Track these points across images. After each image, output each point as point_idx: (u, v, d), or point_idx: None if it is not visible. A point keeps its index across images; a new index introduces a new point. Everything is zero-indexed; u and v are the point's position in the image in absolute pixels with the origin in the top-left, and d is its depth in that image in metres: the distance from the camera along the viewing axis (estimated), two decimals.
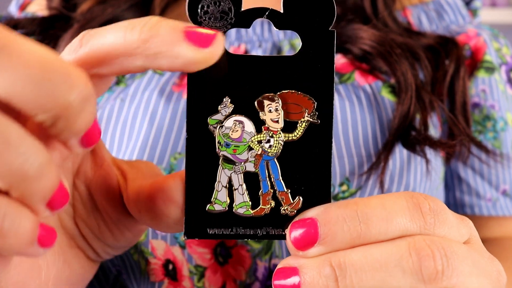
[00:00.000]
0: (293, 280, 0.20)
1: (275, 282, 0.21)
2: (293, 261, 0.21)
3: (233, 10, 0.22)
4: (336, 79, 0.44)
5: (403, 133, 0.42)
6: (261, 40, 0.46)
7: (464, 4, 0.54)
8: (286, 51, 0.45)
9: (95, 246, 0.27)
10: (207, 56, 0.19)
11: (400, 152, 0.42)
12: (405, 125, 0.42)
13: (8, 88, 0.17)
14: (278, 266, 0.21)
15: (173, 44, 0.19)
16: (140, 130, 0.42)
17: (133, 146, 0.41)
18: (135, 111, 0.43)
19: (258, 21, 0.47)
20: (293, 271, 0.21)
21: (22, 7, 0.54)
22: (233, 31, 0.47)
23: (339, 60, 0.45)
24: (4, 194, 0.18)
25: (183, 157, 0.39)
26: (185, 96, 0.43)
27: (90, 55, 0.20)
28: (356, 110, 0.42)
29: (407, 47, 0.44)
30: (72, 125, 0.18)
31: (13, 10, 0.54)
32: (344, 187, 0.40)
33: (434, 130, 0.45)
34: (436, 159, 0.45)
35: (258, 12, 0.22)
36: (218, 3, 0.22)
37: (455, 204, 0.50)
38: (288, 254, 0.38)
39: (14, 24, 0.48)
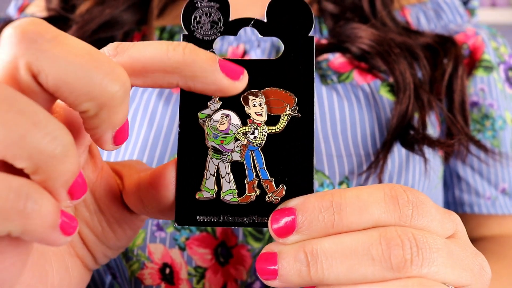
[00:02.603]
0: (272, 265, 0.22)
1: (257, 266, 0.23)
2: (275, 246, 0.23)
3: (222, 20, 0.24)
4: (334, 78, 0.44)
5: (402, 132, 0.42)
6: (259, 40, 0.47)
7: (462, 4, 0.54)
8: None
9: (96, 251, 0.27)
10: (237, 86, 0.22)
11: (398, 151, 0.42)
12: (403, 124, 0.42)
13: (60, 76, 0.18)
14: (262, 251, 0.23)
15: (211, 72, 0.21)
16: (139, 131, 0.42)
17: (132, 147, 0.41)
18: (134, 112, 0.43)
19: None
20: (273, 256, 0.22)
21: (21, 9, 0.54)
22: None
23: (338, 59, 0.45)
24: (26, 177, 0.18)
25: None
26: None
27: (128, 64, 0.22)
28: (354, 109, 0.42)
29: (406, 47, 0.45)
30: (113, 115, 0.20)
31: (12, 12, 0.54)
32: (344, 186, 0.40)
33: (433, 129, 0.46)
34: (434, 158, 0.45)
35: (244, 22, 0.24)
36: (209, 14, 0.24)
37: (454, 202, 0.50)
38: None
39: None
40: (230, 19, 0.24)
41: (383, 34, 0.44)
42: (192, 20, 0.24)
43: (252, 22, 0.24)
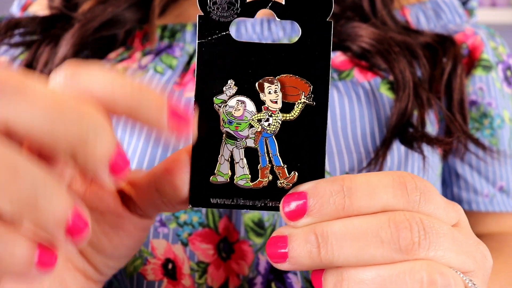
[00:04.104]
0: (283, 247, 0.22)
1: (268, 249, 0.23)
2: (285, 230, 0.23)
3: (239, 1, 0.24)
4: (335, 75, 0.45)
5: (401, 130, 0.42)
6: (260, 38, 0.47)
7: (461, 4, 0.54)
8: None
9: (95, 261, 0.27)
10: (178, 136, 0.22)
11: (397, 149, 0.43)
12: (402, 122, 0.42)
13: (28, 130, 0.19)
14: (272, 235, 0.23)
15: (157, 117, 0.21)
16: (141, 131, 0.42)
17: (134, 147, 0.42)
18: None
19: (258, 20, 0.48)
20: (284, 239, 0.23)
21: (24, 8, 0.54)
22: (233, 30, 0.47)
23: (339, 57, 0.46)
24: None
25: None
26: (186, 94, 0.43)
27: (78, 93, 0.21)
28: (355, 107, 0.43)
29: (406, 45, 0.45)
30: (93, 153, 0.20)
31: (15, 10, 0.54)
32: None
33: (432, 127, 0.46)
34: (433, 155, 0.46)
35: (261, 3, 0.24)
36: None
37: (452, 200, 0.51)
38: None
39: (15, 24, 0.48)
40: (247, 0, 0.24)
41: (383, 33, 0.45)
42: (209, 1, 0.24)
43: (270, 4, 0.24)
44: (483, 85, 0.49)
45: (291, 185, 0.24)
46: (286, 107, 0.24)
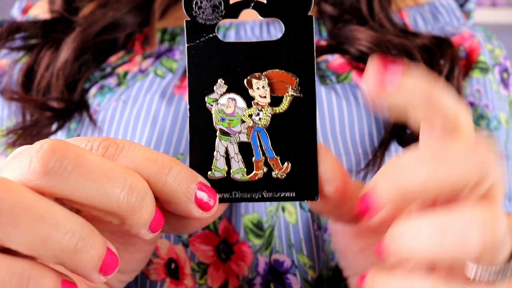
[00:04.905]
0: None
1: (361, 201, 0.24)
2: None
3: (223, 4, 0.25)
4: (333, 78, 0.45)
5: (399, 132, 0.43)
6: (258, 39, 0.47)
7: (458, 6, 0.55)
8: None
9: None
10: (205, 217, 0.25)
11: (395, 150, 0.43)
12: (400, 123, 0.43)
13: (81, 201, 0.21)
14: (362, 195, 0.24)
15: (185, 204, 0.24)
16: (142, 133, 0.42)
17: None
18: (137, 114, 0.43)
19: (257, 23, 0.48)
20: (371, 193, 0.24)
21: (25, 11, 0.55)
22: (232, 33, 0.48)
23: (337, 60, 0.46)
24: (26, 259, 0.20)
25: (186, 157, 0.40)
26: (186, 97, 0.44)
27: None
28: (353, 109, 0.43)
29: (403, 48, 0.45)
30: (138, 219, 0.22)
31: (16, 13, 0.55)
32: None
33: None
34: None
35: (244, 4, 0.25)
36: None
37: None
38: (288, 249, 0.39)
39: (16, 27, 0.48)
40: (230, 2, 0.25)
41: (381, 36, 0.45)
42: (194, 6, 0.25)
43: (252, 4, 0.25)
44: (480, 87, 0.50)
45: (285, 175, 0.25)
46: (275, 101, 0.25)
